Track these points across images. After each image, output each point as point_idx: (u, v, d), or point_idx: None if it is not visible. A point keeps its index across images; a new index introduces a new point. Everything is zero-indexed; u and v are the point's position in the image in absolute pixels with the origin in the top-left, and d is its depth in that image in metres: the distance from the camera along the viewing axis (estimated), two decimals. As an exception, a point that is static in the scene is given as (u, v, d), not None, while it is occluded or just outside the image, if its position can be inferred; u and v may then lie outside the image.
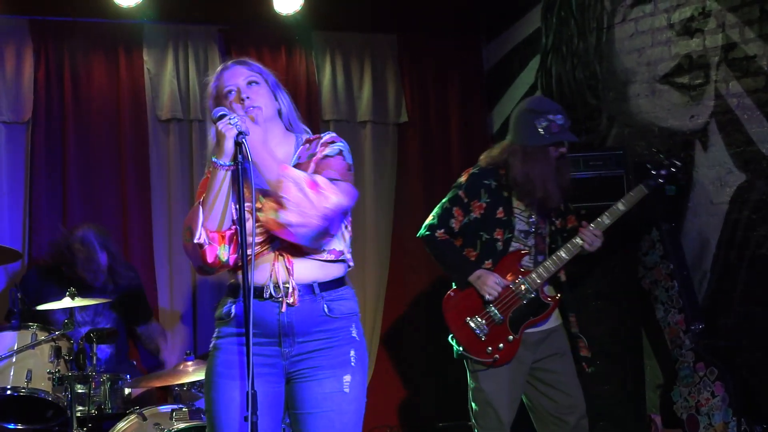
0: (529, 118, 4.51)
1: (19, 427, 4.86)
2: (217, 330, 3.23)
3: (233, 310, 3.16)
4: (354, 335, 3.22)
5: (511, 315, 4.48)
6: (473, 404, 4.59)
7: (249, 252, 3.01)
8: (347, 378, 3.16)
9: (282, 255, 3.12)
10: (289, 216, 2.99)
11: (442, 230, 4.58)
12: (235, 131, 2.99)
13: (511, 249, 4.51)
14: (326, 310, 3.15)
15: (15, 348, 4.77)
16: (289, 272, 3.10)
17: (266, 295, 3.11)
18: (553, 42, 6.46)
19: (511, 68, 6.91)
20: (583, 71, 6.24)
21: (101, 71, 6.20)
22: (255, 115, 3.15)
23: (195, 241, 3.02)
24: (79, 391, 4.80)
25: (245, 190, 2.98)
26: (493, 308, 4.48)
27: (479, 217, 4.53)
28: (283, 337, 3.13)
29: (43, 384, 4.74)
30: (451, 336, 4.57)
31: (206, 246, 3.06)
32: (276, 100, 3.27)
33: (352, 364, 3.19)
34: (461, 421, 5.39)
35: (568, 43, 6.35)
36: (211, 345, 3.22)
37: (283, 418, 3.24)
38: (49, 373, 4.75)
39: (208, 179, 3.14)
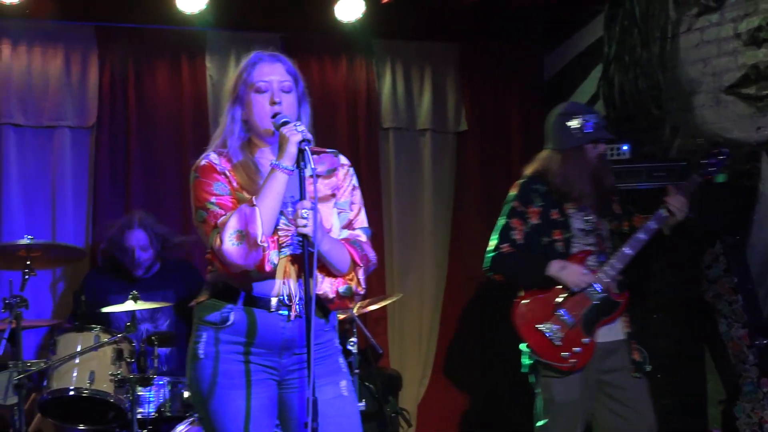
0: (561, 122, 4.51)
1: (81, 427, 4.93)
2: (204, 335, 3.11)
3: (232, 317, 3.07)
4: (338, 344, 3.26)
5: (582, 317, 4.39)
6: (542, 416, 4.47)
7: (276, 261, 3.03)
8: (343, 383, 3.18)
9: (292, 266, 3.09)
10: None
11: (506, 245, 4.48)
12: (300, 137, 2.99)
13: (573, 250, 4.44)
14: (323, 323, 3.17)
15: (78, 349, 4.83)
16: (299, 285, 3.07)
17: (274, 307, 3.08)
18: (616, 51, 6.40)
19: (572, 78, 6.87)
20: (646, 81, 6.17)
21: (164, 77, 6.27)
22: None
23: (260, 243, 2.96)
24: (140, 393, 4.85)
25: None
26: (563, 312, 4.40)
27: (538, 223, 4.47)
28: (284, 350, 3.11)
29: (105, 385, 4.79)
30: (525, 345, 4.45)
31: (268, 249, 3.01)
32: (299, 109, 3.21)
33: (343, 369, 3.22)
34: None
35: (631, 53, 6.28)
36: (200, 351, 3.10)
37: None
38: (111, 374, 4.80)
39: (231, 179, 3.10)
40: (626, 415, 4.44)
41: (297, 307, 3.08)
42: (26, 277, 4.87)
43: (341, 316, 5.08)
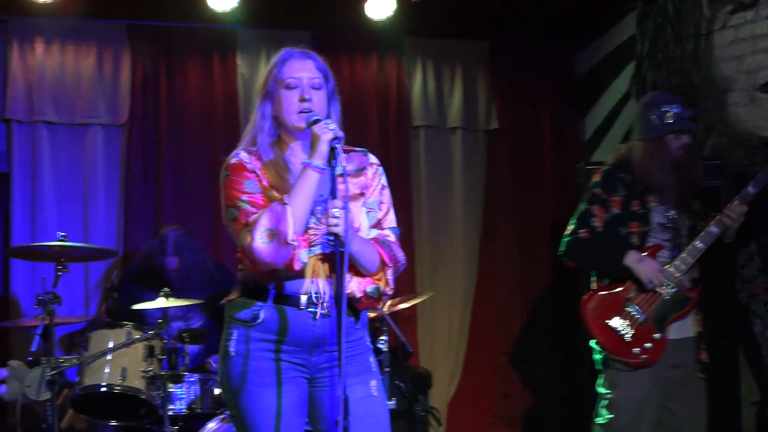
0: (644, 112, 4.47)
1: (113, 423, 4.96)
2: (235, 332, 3.11)
3: (261, 315, 3.07)
4: (368, 343, 3.25)
5: (653, 312, 4.33)
6: (605, 412, 4.39)
7: (306, 260, 3.03)
8: (373, 383, 3.17)
9: (323, 262, 3.09)
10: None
11: (584, 230, 4.42)
12: (331, 135, 2.98)
13: (647, 244, 4.38)
14: (352, 321, 3.16)
15: (110, 346, 4.85)
16: (329, 281, 3.07)
17: (303, 304, 3.08)
18: (649, 49, 6.35)
19: (604, 75, 6.82)
20: (679, 79, 6.12)
21: (196, 75, 6.29)
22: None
23: (290, 241, 2.96)
24: (171, 389, 4.87)
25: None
26: (634, 307, 4.34)
27: (619, 213, 4.41)
28: (314, 348, 3.11)
29: (136, 382, 4.81)
30: (594, 341, 4.38)
31: (298, 248, 3.00)
32: (328, 107, 3.20)
33: (373, 369, 3.21)
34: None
35: (664, 50, 6.23)
36: (231, 349, 3.10)
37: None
38: (142, 371, 4.82)
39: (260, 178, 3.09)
40: (679, 412, 4.39)
41: (326, 305, 3.07)
42: (59, 273, 4.90)
43: (371, 315, 5.07)
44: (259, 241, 2.96)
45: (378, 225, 3.24)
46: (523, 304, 6.76)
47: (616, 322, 4.35)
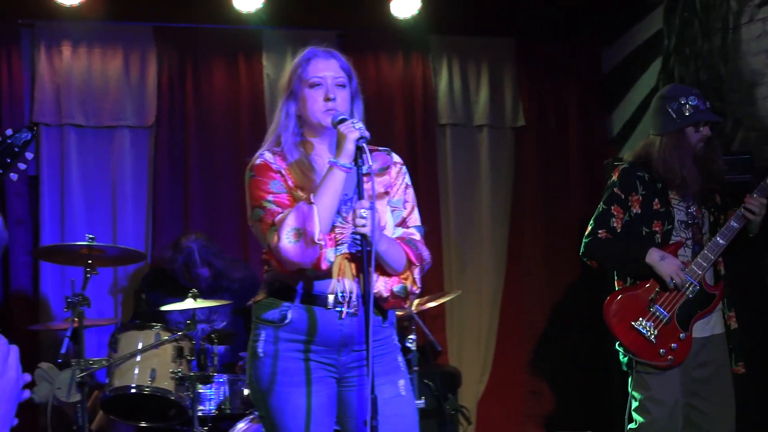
0: (661, 105, 4.34)
1: (143, 424, 4.98)
2: (263, 333, 3.10)
3: (289, 316, 3.06)
4: (396, 342, 3.23)
5: (677, 311, 4.24)
6: (637, 416, 4.29)
7: (333, 259, 3.03)
8: (401, 382, 3.16)
9: (349, 262, 3.08)
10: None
11: (604, 230, 4.33)
12: (357, 134, 2.98)
13: (670, 242, 4.29)
14: (380, 320, 3.15)
15: (140, 347, 4.87)
16: (355, 281, 3.07)
17: (331, 304, 3.06)
18: (676, 44, 6.30)
19: (631, 71, 6.79)
20: (707, 73, 6.08)
21: (222, 76, 6.31)
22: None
23: (317, 240, 2.94)
24: (200, 390, 4.88)
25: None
26: (657, 307, 4.23)
27: (639, 212, 4.30)
28: (342, 347, 3.10)
29: (166, 383, 4.83)
30: (618, 344, 4.28)
31: (325, 247, 2.99)
32: (351, 106, 3.19)
33: (401, 368, 3.19)
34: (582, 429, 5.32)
35: (692, 45, 6.19)
36: (259, 350, 3.09)
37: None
38: (171, 372, 4.83)
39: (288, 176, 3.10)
40: (708, 412, 4.31)
41: (353, 304, 3.07)
42: (88, 276, 4.93)
43: (399, 314, 5.07)
44: (286, 241, 2.95)
45: (403, 223, 3.24)
46: (552, 301, 6.73)
47: (641, 324, 4.25)
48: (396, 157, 3.29)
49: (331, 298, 3.06)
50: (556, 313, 6.52)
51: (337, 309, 3.06)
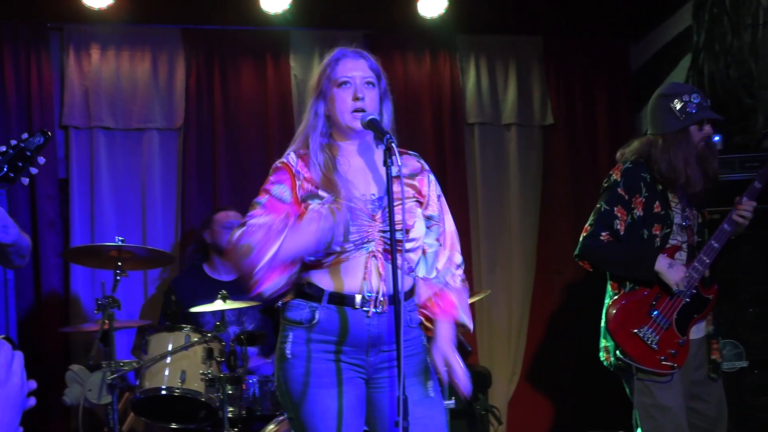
0: (662, 104, 4.25)
1: (173, 426, 4.99)
2: (291, 335, 3.09)
3: (317, 316, 3.06)
4: (425, 342, 3.22)
5: (675, 317, 4.19)
6: (642, 423, 4.23)
7: (345, 255, 3.04)
8: (430, 383, 3.15)
9: (375, 258, 3.06)
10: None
11: (606, 233, 4.24)
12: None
13: (667, 245, 4.22)
14: (408, 320, 3.13)
15: (170, 349, 4.88)
16: (382, 279, 3.05)
17: (358, 304, 3.06)
18: (705, 40, 6.24)
19: (660, 68, 6.74)
20: (737, 69, 6.01)
21: (249, 77, 6.32)
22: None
23: (255, 274, 2.96)
24: (230, 392, 4.88)
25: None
26: (658, 314, 4.19)
27: (641, 215, 4.22)
28: (370, 347, 3.09)
29: (196, 385, 4.83)
30: (619, 351, 4.20)
31: (260, 284, 3.01)
32: (380, 106, 3.18)
33: (430, 369, 3.18)
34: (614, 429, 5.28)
35: (721, 41, 6.13)
36: (287, 351, 3.08)
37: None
38: (201, 374, 4.83)
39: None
40: (705, 412, 4.27)
41: (381, 302, 3.05)
42: (118, 278, 4.95)
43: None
44: (239, 250, 2.99)
45: (443, 247, 3.25)
46: (582, 301, 6.68)
47: (642, 330, 4.19)
48: (425, 164, 3.28)
49: (358, 297, 3.06)
50: (587, 312, 6.45)
51: (364, 309, 3.06)
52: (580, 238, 4.31)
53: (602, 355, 4.35)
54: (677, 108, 4.20)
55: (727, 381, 4.45)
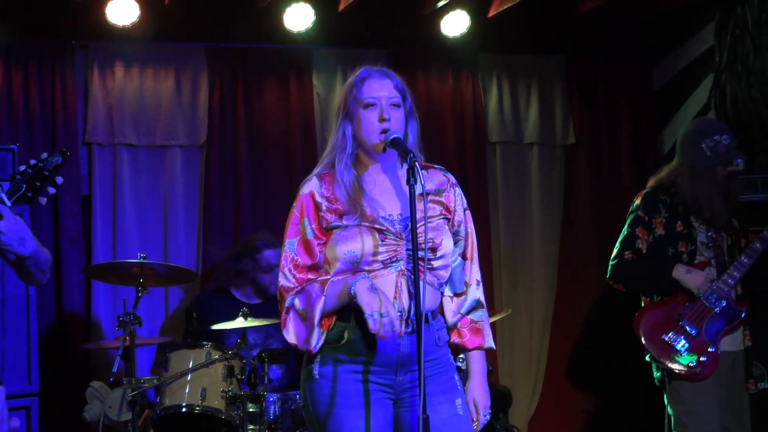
0: (695, 139, 4.54)
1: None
2: (318, 354, 3.06)
3: (345, 336, 3.04)
4: (452, 361, 3.21)
5: (705, 327, 4.40)
6: (679, 429, 4.43)
7: (373, 273, 3.03)
8: (458, 401, 3.13)
9: (404, 276, 3.05)
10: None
11: (630, 252, 4.55)
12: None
13: (695, 261, 4.48)
14: (436, 339, 3.13)
15: (190, 366, 4.89)
16: (411, 298, 3.03)
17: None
18: (728, 60, 6.24)
19: (682, 88, 6.73)
20: (759, 90, 6.01)
21: (272, 95, 6.34)
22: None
23: (315, 326, 3.02)
24: (251, 410, 4.88)
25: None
26: (686, 323, 4.41)
27: (663, 234, 4.52)
28: (400, 367, 3.06)
29: (216, 402, 4.84)
30: (649, 356, 4.47)
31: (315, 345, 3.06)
32: (406, 126, 3.16)
33: (458, 387, 3.17)
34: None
35: (744, 61, 6.12)
36: (315, 371, 3.06)
37: None
38: (222, 391, 4.84)
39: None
40: (731, 426, 4.43)
41: (410, 322, 3.03)
42: (139, 294, 4.96)
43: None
44: (291, 324, 3.08)
45: (464, 258, 3.24)
46: (604, 320, 6.65)
47: (671, 337, 4.42)
48: (452, 178, 3.27)
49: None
50: (609, 332, 6.43)
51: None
52: (610, 262, 4.62)
53: (653, 369, 4.55)
54: (708, 146, 4.49)
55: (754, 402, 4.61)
